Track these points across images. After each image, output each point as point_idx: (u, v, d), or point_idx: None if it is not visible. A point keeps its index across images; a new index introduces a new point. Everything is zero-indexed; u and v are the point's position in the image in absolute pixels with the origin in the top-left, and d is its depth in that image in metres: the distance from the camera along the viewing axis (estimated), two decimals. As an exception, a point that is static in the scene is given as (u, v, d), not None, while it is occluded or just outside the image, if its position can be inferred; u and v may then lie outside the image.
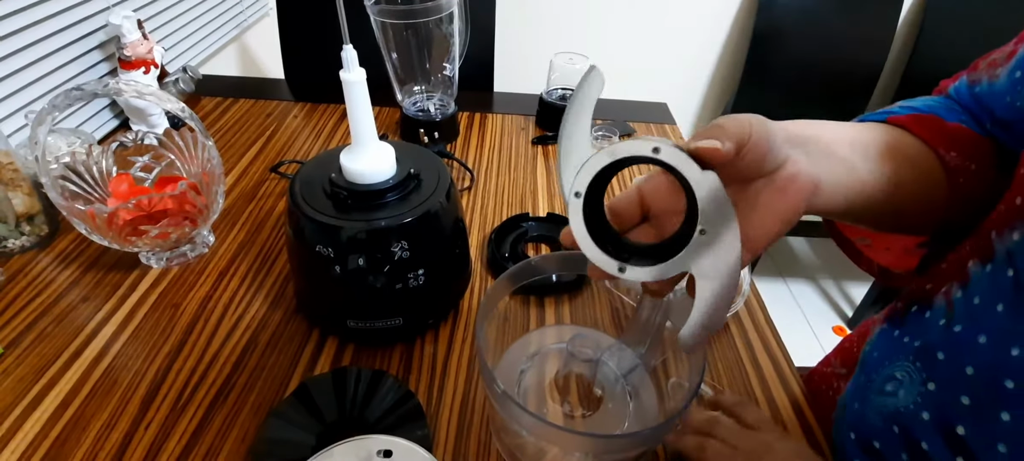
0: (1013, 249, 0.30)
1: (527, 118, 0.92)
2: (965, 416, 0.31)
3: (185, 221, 0.55)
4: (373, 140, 0.46)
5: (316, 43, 1.09)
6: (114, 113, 0.83)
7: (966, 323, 0.32)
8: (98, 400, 0.45)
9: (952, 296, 0.34)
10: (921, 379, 0.34)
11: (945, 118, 0.37)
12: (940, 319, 0.34)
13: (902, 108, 0.39)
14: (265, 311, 0.54)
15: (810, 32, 1.65)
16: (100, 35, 0.79)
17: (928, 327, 0.35)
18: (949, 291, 0.34)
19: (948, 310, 0.34)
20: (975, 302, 0.32)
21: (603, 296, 0.58)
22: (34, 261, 0.58)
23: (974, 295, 0.32)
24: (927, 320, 0.36)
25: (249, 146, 0.81)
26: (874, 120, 0.38)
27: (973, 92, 0.39)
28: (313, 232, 0.45)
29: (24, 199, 0.58)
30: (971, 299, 0.32)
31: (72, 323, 0.52)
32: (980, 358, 0.31)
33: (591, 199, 0.28)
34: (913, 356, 0.36)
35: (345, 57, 0.42)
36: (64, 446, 0.42)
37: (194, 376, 0.47)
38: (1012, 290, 0.29)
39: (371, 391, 0.44)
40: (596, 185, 0.28)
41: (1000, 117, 0.37)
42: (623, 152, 0.26)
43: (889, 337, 0.39)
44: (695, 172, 0.26)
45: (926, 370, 0.34)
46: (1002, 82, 0.36)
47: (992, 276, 0.31)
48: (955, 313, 0.33)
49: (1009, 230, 0.30)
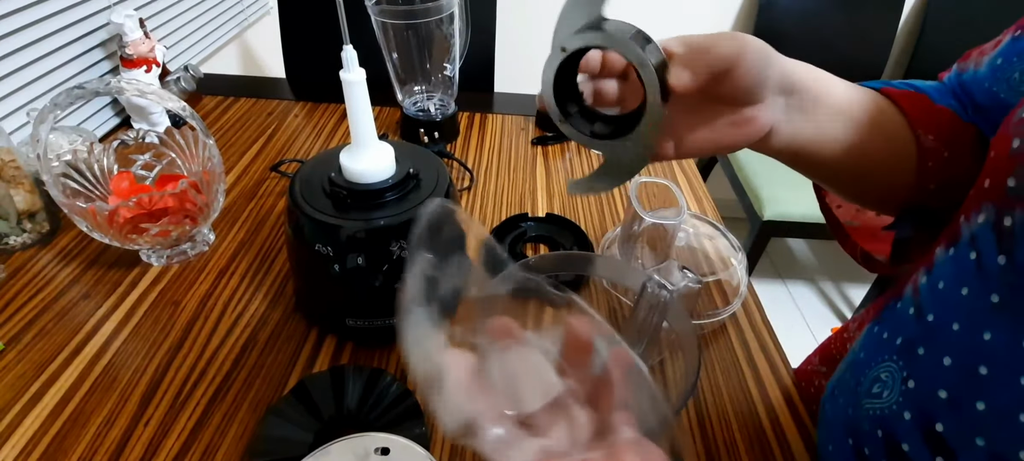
0: (977, 231, 0.29)
1: (527, 119, 0.93)
2: (942, 411, 0.30)
3: (185, 219, 0.55)
4: (373, 140, 0.46)
5: (317, 42, 1.09)
6: (115, 111, 0.83)
7: (936, 311, 0.31)
8: (98, 397, 0.45)
9: (918, 282, 0.34)
10: (902, 377, 0.33)
11: (935, 100, 0.38)
12: (909, 308, 0.34)
13: (901, 83, 0.40)
14: (264, 309, 0.54)
15: (810, 34, 1.65)
16: (102, 34, 0.80)
17: (901, 319, 0.35)
18: (916, 279, 0.34)
19: (914, 296, 0.34)
20: (940, 287, 0.31)
21: (601, 296, 0.58)
22: (35, 258, 0.58)
23: (938, 279, 0.32)
24: (898, 311, 0.35)
25: (250, 145, 0.81)
26: (872, 87, 0.39)
27: (961, 79, 0.40)
28: (312, 231, 0.45)
29: (25, 196, 0.59)
30: (936, 284, 0.32)
31: (72, 320, 0.52)
32: (955, 346, 0.30)
33: (570, 61, 0.33)
34: (896, 354, 0.34)
35: (345, 57, 0.42)
36: (64, 442, 0.42)
37: (193, 373, 0.48)
38: (975, 271, 0.29)
39: (369, 389, 0.45)
40: (580, 54, 0.33)
41: (979, 102, 0.37)
42: (615, 45, 0.31)
43: (872, 336, 0.38)
44: (656, 96, 0.31)
45: (907, 368, 0.33)
46: (984, 69, 0.37)
47: (955, 259, 0.30)
48: (921, 300, 0.33)
49: (975, 213, 0.30)
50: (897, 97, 0.38)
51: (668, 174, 0.80)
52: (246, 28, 1.26)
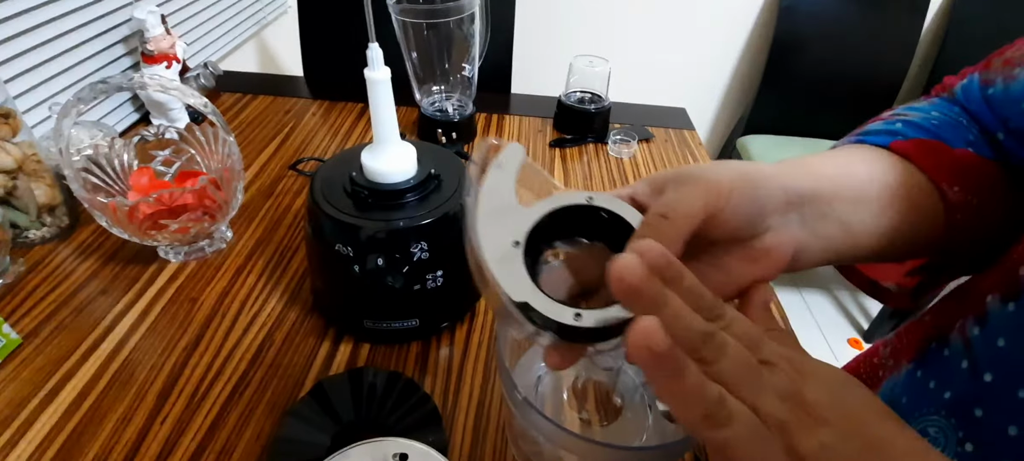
0: None
1: (545, 120, 0.92)
2: None
3: (204, 216, 0.55)
4: (395, 139, 0.46)
5: (336, 41, 1.09)
6: (135, 107, 0.83)
7: (996, 371, 0.29)
8: (115, 393, 0.45)
9: (968, 333, 0.31)
10: (957, 438, 0.30)
11: (951, 143, 0.33)
12: (962, 361, 0.31)
13: (907, 126, 0.35)
14: (281, 308, 0.54)
15: (831, 39, 1.63)
16: (124, 29, 0.80)
17: (951, 372, 0.32)
18: (964, 327, 0.31)
19: (966, 350, 0.31)
20: (1000, 345, 0.28)
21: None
22: (54, 252, 0.58)
23: (997, 336, 0.29)
24: (947, 360, 0.32)
25: (267, 143, 0.81)
26: (877, 143, 0.35)
27: (985, 94, 0.35)
28: (332, 230, 0.45)
29: (46, 190, 0.59)
30: (993, 340, 0.29)
31: (90, 315, 0.52)
32: (1022, 416, 0.26)
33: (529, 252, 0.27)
34: (946, 411, 0.31)
35: (370, 55, 0.41)
36: (80, 438, 0.42)
37: (210, 372, 0.47)
38: None
39: (387, 392, 0.44)
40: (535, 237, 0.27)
41: (1015, 127, 0.33)
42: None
43: (915, 381, 0.35)
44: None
45: (962, 428, 0.30)
46: (1019, 85, 0.32)
47: (1017, 317, 0.28)
48: (976, 355, 0.30)
49: None
50: (911, 153, 0.33)
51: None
52: (265, 26, 1.26)
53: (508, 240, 0.26)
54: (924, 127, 0.35)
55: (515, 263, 0.26)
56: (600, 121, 0.86)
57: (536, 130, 0.89)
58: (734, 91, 1.86)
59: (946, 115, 0.36)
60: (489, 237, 0.26)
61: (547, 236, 0.28)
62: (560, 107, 0.89)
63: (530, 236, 0.27)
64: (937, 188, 0.32)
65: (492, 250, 0.26)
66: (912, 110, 0.37)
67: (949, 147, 0.33)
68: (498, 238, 0.26)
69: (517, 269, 0.25)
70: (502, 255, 0.26)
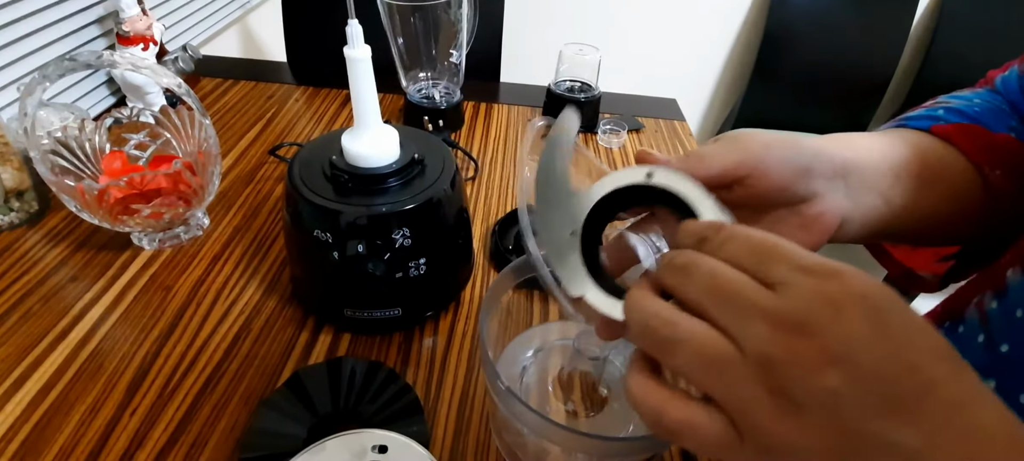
0: None
1: (534, 109, 0.90)
2: None
3: (179, 201, 0.53)
4: (376, 122, 0.44)
5: (320, 26, 1.07)
6: (111, 90, 0.81)
7: (1012, 341, 0.29)
8: (83, 383, 0.43)
9: (986, 307, 0.31)
10: None
11: (992, 128, 0.34)
12: (977, 335, 0.31)
13: (948, 112, 0.36)
14: (259, 297, 0.52)
15: (821, 33, 1.63)
16: (98, 9, 0.77)
17: (967, 346, 0.32)
18: (982, 302, 0.31)
19: (982, 323, 0.31)
20: (1018, 315, 0.29)
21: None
22: (22, 238, 0.56)
23: (1014, 307, 0.29)
24: (962, 336, 0.32)
25: (248, 128, 0.79)
26: (918, 127, 0.35)
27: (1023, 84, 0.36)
28: (311, 215, 0.43)
29: (14, 174, 0.57)
30: (1012, 312, 0.29)
31: (59, 303, 0.50)
32: None
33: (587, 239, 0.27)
34: None
35: (350, 32, 0.40)
36: (45, 430, 0.40)
37: (183, 362, 0.46)
38: None
39: (367, 383, 0.42)
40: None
41: None
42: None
43: None
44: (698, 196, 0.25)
45: None
46: None
47: None
48: (992, 328, 0.30)
49: None
50: (951, 135, 0.34)
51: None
52: (249, 11, 1.23)
53: (565, 231, 0.26)
54: (966, 112, 0.35)
55: (572, 254, 0.26)
56: (590, 110, 0.84)
57: (525, 119, 0.88)
58: (725, 84, 1.86)
59: (988, 103, 0.36)
60: (545, 229, 0.27)
61: (603, 218, 0.28)
62: (549, 96, 0.87)
63: (587, 220, 0.27)
64: (978, 171, 0.33)
65: (549, 243, 0.26)
66: (954, 98, 0.38)
67: (990, 132, 0.34)
68: (554, 229, 0.27)
69: (573, 261, 0.26)
70: (558, 247, 0.26)
